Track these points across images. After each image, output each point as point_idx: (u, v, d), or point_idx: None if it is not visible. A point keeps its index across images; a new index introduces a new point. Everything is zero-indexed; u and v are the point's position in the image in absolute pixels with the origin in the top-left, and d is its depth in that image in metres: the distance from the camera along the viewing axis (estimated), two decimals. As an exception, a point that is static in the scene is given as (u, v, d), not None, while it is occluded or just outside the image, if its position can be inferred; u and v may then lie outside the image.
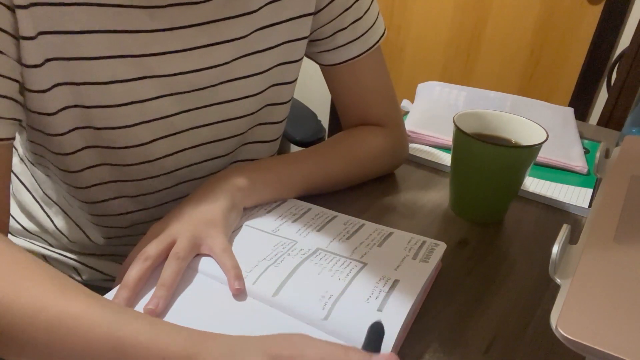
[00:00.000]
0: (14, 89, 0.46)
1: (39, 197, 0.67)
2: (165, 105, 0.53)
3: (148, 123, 0.53)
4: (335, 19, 0.60)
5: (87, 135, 0.52)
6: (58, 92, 0.48)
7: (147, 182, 0.58)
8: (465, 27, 1.80)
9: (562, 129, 0.80)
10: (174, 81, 0.52)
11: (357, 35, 0.61)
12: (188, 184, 0.62)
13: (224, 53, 0.54)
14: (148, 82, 0.51)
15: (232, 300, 0.43)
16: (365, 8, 0.61)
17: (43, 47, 0.45)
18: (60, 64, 0.46)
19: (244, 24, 0.53)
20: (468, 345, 0.43)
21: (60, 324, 0.35)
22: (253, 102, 0.59)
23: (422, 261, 0.47)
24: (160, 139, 0.55)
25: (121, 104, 0.50)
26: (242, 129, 0.61)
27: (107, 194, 0.59)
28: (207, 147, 0.59)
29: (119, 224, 0.63)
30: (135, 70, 0.49)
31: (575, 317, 0.31)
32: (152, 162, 0.56)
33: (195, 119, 0.56)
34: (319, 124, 1.25)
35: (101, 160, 0.55)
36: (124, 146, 0.54)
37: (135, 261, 0.44)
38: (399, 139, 0.67)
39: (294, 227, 0.52)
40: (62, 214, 0.66)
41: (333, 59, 0.63)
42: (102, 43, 0.47)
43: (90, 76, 0.48)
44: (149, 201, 0.61)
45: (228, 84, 0.56)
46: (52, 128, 0.51)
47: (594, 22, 1.56)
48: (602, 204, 0.42)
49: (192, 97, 0.54)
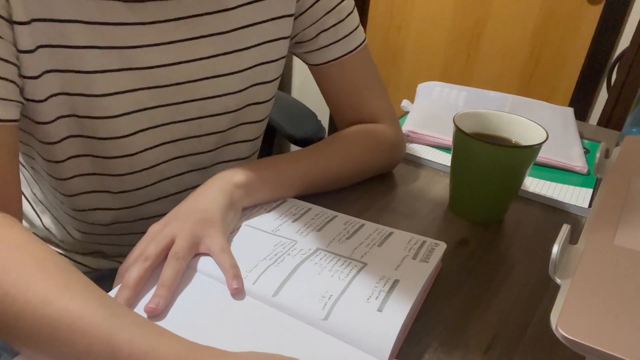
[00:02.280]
0: (14, 72, 0.47)
1: (28, 196, 0.69)
2: (144, 98, 0.54)
3: (129, 115, 0.54)
4: (317, 20, 0.62)
5: (71, 124, 0.53)
6: (47, 79, 0.49)
7: (128, 177, 0.59)
8: (465, 27, 1.80)
9: (562, 129, 0.80)
10: (152, 74, 0.53)
11: (340, 36, 0.63)
12: (170, 182, 0.63)
13: (202, 48, 0.55)
14: (128, 74, 0.52)
15: (232, 300, 0.43)
16: (346, 12, 0.63)
17: (35, 34, 0.46)
18: (48, 51, 0.48)
19: (221, 20, 0.55)
20: (468, 345, 0.43)
21: (61, 321, 0.35)
22: (233, 100, 0.60)
23: (422, 261, 0.47)
24: (141, 131, 0.56)
25: (103, 94, 0.52)
26: (223, 126, 0.62)
27: (87, 187, 0.59)
28: (187, 142, 0.60)
29: (100, 220, 0.64)
30: (116, 62, 0.51)
31: (575, 317, 0.31)
32: (133, 155, 0.57)
33: (175, 114, 0.57)
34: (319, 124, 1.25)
35: (84, 151, 0.56)
36: (105, 137, 0.55)
37: (135, 261, 0.44)
38: (395, 135, 0.68)
39: (294, 227, 0.52)
40: (48, 213, 0.68)
41: (318, 59, 0.65)
42: (85, 33, 0.48)
43: (74, 65, 0.49)
44: (130, 199, 0.62)
45: (208, 81, 0.57)
46: (40, 116, 0.51)
47: (594, 22, 1.56)
48: (602, 204, 0.42)
49: (171, 92, 0.55)
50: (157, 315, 0.41)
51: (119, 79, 0.52)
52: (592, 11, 1.56)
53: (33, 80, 0.48)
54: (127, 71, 0.52)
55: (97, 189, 0.60)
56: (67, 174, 0.58)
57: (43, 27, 0.46)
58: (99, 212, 0.62)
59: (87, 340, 0.35)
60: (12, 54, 0.46)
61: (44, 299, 0.36)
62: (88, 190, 0.60)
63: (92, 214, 0.63)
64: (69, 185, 0.59)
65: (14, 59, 0.46)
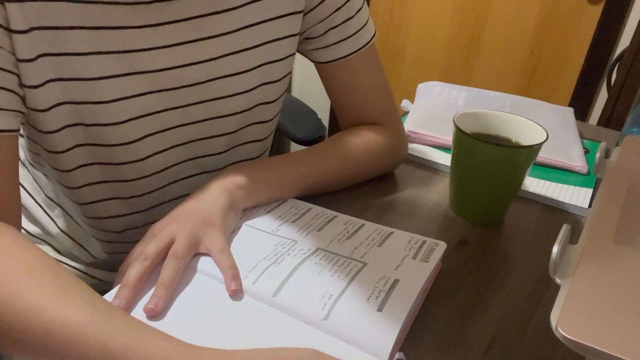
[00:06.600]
0: (13, 81, 0.46)
1: (41, 200, 0.67)
2: (152, 101, 0.53)
3: (136, 120, 0.53)
4: (327, 17, 0.60)
5: (78, 132, 0.52)
6: (50, 88, 0.48)
7: (138, 182, 0.58)
8: (465, 27, 1.80)
9: (562, 129, 0.80)
10: (160, 77, 0.52)
11: (349, 34, 0.62)
12: (180, 184, 0.62)
13: (209, 49, 0.54)
14: (135, 78, 0.51)
15: (232, 300, 0.43)
16: (356, 8, 0.62)
17: (35, 42, 0.45)
18: (50, 59, 0.47)
19: (228, 20, 0.54)
20: (468, 345, 0.43)
21: (55, 329, 0.35)
22: (242, 100, 0.59)
23: (422, 261, 0.47)
24: (150, 135, 0.55)
25: (109, 100, 0.51)
26: (233, 127, 0.61)
27: (98, 195, 0.59)
28: (198, 144, 0.60)
29: (112, 227, 0.63)
30: (122, 67, 0.50)
31: (575, 317, 0.31)
32: (142, 160, 0.57)
33: (184, 116, 0.56)
34: (320, 123, 1.25)
35: (92, 159, 0.55)
36: (113, 144, 0.54)
37: (135, 261, 0.44)
38: (398, 137, 0.67)
39: (294, 227, 0.52)
40: (65, 216, 0.66)
41: (325, 57, 0.64)
42: (87, 39, 0.47)
43: (78, 72, 0.48)
44: (141, 203, 0.61)
45: (216, 81, 0.56)
46: (45, 125, 0.51)
47: (594, 22, 1.56)
48: (602, 204, 0.42)
49: (179, 94, 0.54)
50: (157, 315, 0.40)
51: (125, 83, 0.51)
52: (592, 11, 1.56)
53: (34, 89, 0.48)
54: (134, 75, 0.51)
55: (107, 196, 0.59)
56: (76, 182, 0.57)
57: (43, 35, 0.45)
58: (111, 219, 0.62)
59: (81, 347, 0.34)
60: (12, 63, 0.45)
61: (38, 307, 0.36)
62: (99, 199, 0.59)
63: (104, 221, 0.62)
64: (79, 194, 0.58)
65: (13, 68, 0.45)
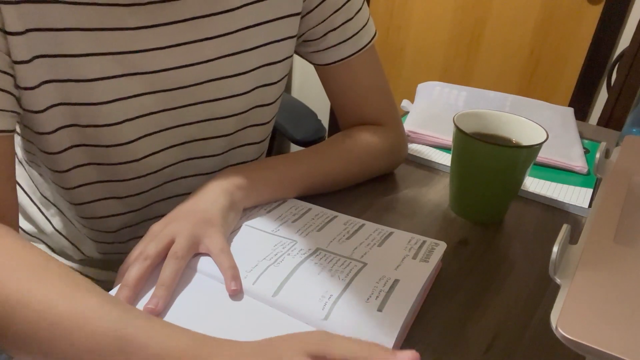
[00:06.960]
0: (9, 82, 0.46)
1: (36, 199, 0.67)
2: (149, 102, 0.53)
3: (133, 120, 0.53)
4: (326, 19, 0.60)
5: (74, 133, 0.52)
6: (46, 89, 0.48)
7: (134, 182, 0.58)
8: (465, 27, 1.80)
9: (562, 129, 0.80)
10: (157, 78, 0.52)
11: (348, 36, 0.62)
12: (176, 183, 0.62)
13: (207, 50, 0.54)
14: (131, 80, 0.51)
15: (232, 300, 0.43)
16: (356, 9, 0.61)
17: (31, 44, 0.45)
18: (46, 61, 0.47)
19: (226, 21, 0.54)
20: (468, 345, 0.43)
21: (67, 320, 0.35)
22: (239, 102, 0.59)
23: (422, 261, 0.47)
24: (146, 136, 0.55)
25: (105, 101, 0.51)
26: (230, 129, 0.61)
27: (94, 195, 0.59)
28: (194, 145, 0.60)
29: (107, 227, 0.63)
30: (119, 68, 0.50)
31: (575, 317, 0.31)
32: (138, 160, 0.57)
33: (181, 117, 0.56)
34: (319, 123, 1.25)
35: (88, 160, 0.55)
36: (109, 144, 0.54)
37: (135, 261, 0.44)
38: (398, 137, 0.67)
39: (293, 227, 0.52)
40: (60, 215, 0.66)
41: (325, 59, 0.63)
42: (83, 41, 0.47)
43: (74, 74, 0.48)
44: (136, 202, 0.61)
45: (214, 83, 0.56)
46: (40, 126, 0.51)
47: (594, 22, 1.56)
48: (602, 204, 0.42)
49: (176, 95, 0.54)
50: (157, 315, 0.40)
51: (122, 84, 0.51)
52: (592, 11, 1.56)
53: (30, 90, 0.48)
54: (131, 76, 0.51)
55: (102, 196, 0.59)
56: (72, 183, 0.57)
57: (39, 37, 0.45)
58: (106, 219, 0.62)
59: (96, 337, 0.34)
60: (7, 65, 0.45)
61: (46, 304, 0.36)
62: (94, 199, 0.59)
63: (99, 221, 0.62)
64: (75, 195, 0.58)
65: (9, 69, 0.45)
